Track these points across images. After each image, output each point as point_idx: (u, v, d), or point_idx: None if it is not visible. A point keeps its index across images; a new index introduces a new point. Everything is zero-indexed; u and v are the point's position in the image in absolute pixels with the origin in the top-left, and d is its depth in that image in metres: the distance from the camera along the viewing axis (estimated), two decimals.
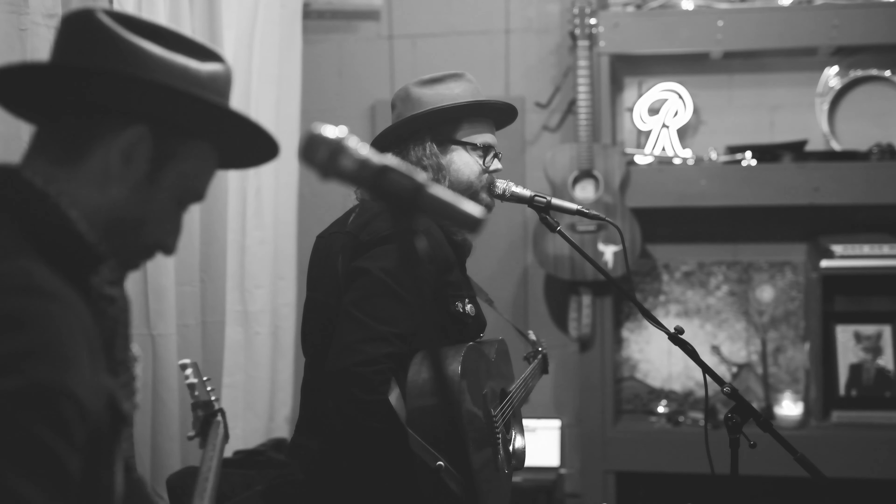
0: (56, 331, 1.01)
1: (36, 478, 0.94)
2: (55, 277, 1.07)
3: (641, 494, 3.93)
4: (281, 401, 3.64)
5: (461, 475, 1.85)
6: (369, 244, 2.02)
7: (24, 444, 0.95)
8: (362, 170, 1.02)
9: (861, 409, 3.72)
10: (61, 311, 1.03)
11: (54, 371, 0.98)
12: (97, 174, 1.18)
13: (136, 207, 1.20)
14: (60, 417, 0.98)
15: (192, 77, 1.22)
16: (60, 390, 0.98)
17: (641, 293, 4.01)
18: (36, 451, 0.95)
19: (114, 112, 1.18)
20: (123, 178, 1.19)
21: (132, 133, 1.18)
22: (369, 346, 1.92)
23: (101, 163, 1.18)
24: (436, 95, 2.18)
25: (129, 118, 1.18)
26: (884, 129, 3.76)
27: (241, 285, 3.47)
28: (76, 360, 1.01)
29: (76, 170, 1.17)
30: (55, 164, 1.17)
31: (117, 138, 1.18)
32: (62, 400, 0.98)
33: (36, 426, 0.95)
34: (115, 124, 1.18)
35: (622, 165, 3.67)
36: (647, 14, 3.78)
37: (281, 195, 3.67)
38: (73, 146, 1.18)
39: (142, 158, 1.19)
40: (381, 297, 1.95)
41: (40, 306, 1.01)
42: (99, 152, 1.18)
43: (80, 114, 1.19)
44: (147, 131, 1.18)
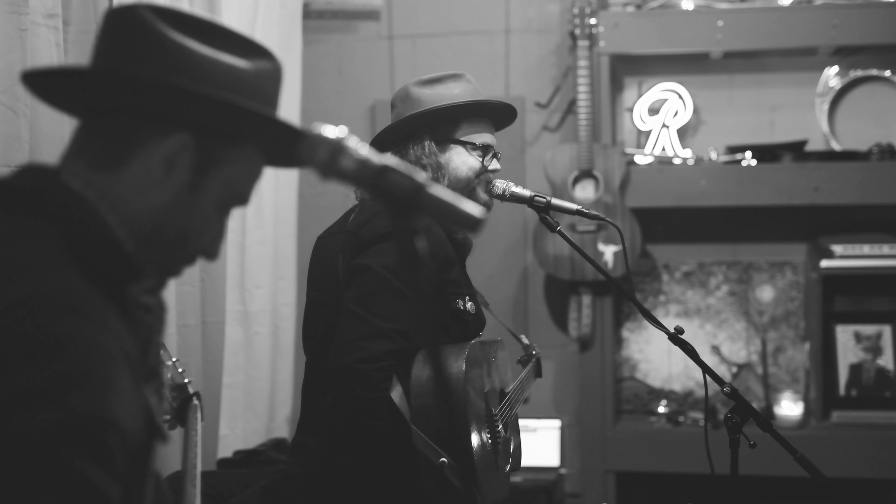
0: (96, 355, 0.97)
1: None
2: (93, 292, 1.04)
3: (641, 494, 3.93)
4: (281, 401, 3.64)
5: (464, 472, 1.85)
6: (369, 241, 2.02)
7: (66, 480, 0.92)
8: (362, 170, 1.02)
9: (861, 409, 3.72)
10: (100, 332, 0.99)
11: (95, 399, 0.95)
12: (138, 181, 1.14)
13: (177, 217, 1.16)
14: (103, 448, 0.95)
15: (239, 78, 1.17)
16: (102, 420, 0.95)
17: (641, 293, 4.01)
18: (79, 486, 0.92)
19: (157, 118, 1.15)
20: (164, 187, 1.15)
21: (175, 141, 1.14)
22: (371, 343, 1.92)
23: (142, 170, 1.14)
24: (435, 95, 2.18)
25: (173, 125, 1.15)
26: (884, 129, 3.76)
27: (241, 285, 3.47)
28: (116, 384, 0.98)
29: (116, 175, 1.14)
30: (95, 168, 1.14)
31: (160, 146, 1.14)
32: (105, 430, 0.95)
33: (78, 460, 0.92)
34: (158, 131, 1.14)
35: (622, 165, 3.67)
36: (647, 14, 3.78)
37: (281, 195, 3.67)
38: (114, 151, 1.14)
39: (184, 167, 1.15)
40: (383, 293, 1.96)
41: (79, 329, 0.97)
42: (140, 159, 1.14)
43: (122, 117, 1.15)
44: (190, 139, 1.15)
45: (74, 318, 0.98)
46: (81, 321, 0.98)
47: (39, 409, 0.92)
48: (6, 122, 1.90)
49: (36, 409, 0.92)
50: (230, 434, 3.42)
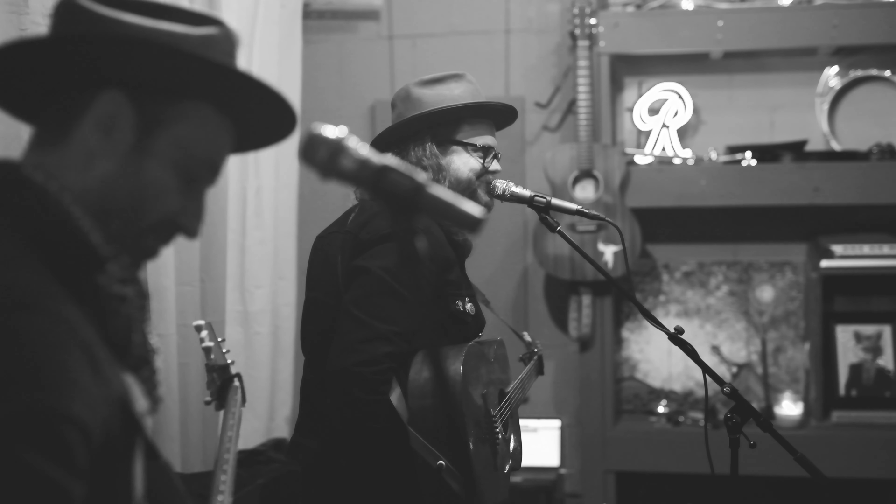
0: (47, 350, 0.93)
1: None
2: (48, 285, 1.01)
3: (641, 494, 3.93)
4: (281, 401, 3.64)
5: (462, 474, 1.85)
6: (369, 243, 2.02)
7: (20, 477, 0.88)
8: (362, 170, 1.02)
9: (861, 409, 3.72)
10: (52, 325, 0.95)
11: (47, 394, 0.91)
12: (81, 152, 1.09)
13: (126, 181, 1.10)
14: (59, 443, 0.91)
15: (178, 40, 1.11)
16: (56, 414, 0.91)
17: (641, 293, 4.01)
18: (34, 483, 0.88)
19: (83, 81, 1.09)
20: (107, 152, 1.10)
21: (105, 101, 1.09)
22: (370, 346, 1.92)
23: (82, 138, 1.09)
24: (436, 96, 2.18)
25: (100, 83, 1.09)
26: (884, 129, 3.76)
27: (241, 285, 3.47)
28: (72, 378, 0.94)
29: (61, 151, 1.10)
30: (45, 150, 1.11)
31: (91, 108, 1.09)
32: (59, 424, 0.91)
33: (32, 456, 0.88)
34: (87, 94, 1.09)
35: (622, 165, 3.67)
36: (647, 14, 3.78)
37: (281, 195, 3.67)
38: (57, 127, 1.11)
39: (125, 129, 1.10)
40: (382, 295, 1.96)
41: (27, 324, 0.93)
42: (78, 128, 1.09)
43: (57, 96, 1.11)
44: (122, 96, 1.09)
45: (22, 312, 0.94)
46: (30, 315, 0.94)
47: None
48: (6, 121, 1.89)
49: None
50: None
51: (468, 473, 1.90)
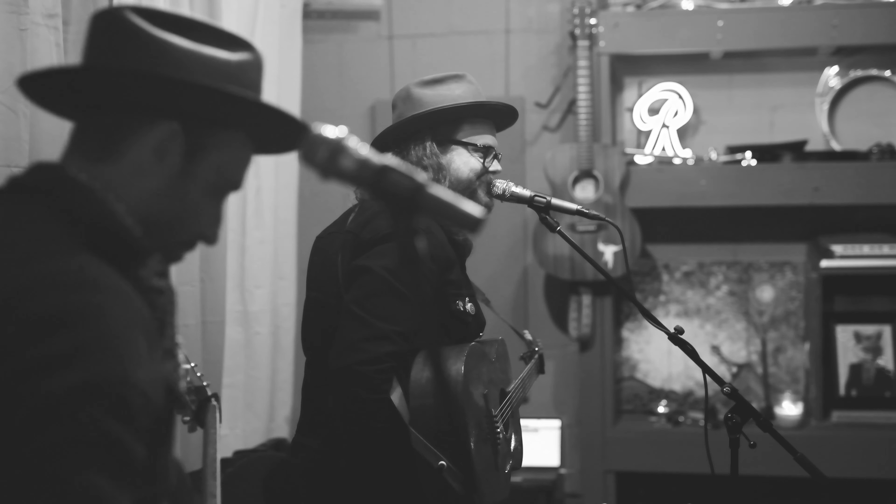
0: (109, 323, 1.03)
1: (105, 469, 0.98)
2: (108, 270, 1.10)
3: (641, 494, 3.93)
4: (281, 401, 3.64)
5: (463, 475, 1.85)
6: (370, 243, 2.02)
7: (91, 437, 0.98)
8: (362, 170, 1.02)
9: (861, 409, 3.72)
10: (114, 302, 1.05)
11: (115, 363, 1.01)
12: (133, 169, 1.20)
13: (171, 202, 1.22)
14: (125, 407, 1.01)
15: (221, 68, 1.23)
16: (121, 380, 1.01)
17: (641, 293, 4.01)
18: (103, 442, 0.98)
19: (145, 109, 1.20)
20: (157, 173, 1.21)
21: (163, 129, 1.20)
22: (371, 345, 1.92)
23: (136, 158, 1.20)
24: (437, 96, 2.18)
25: (161, 114, 1.20)
26: (884, 129, 3.76)
27: (241, 285, 3.47)
28: (133, 350, 1.04)
29: (114, 166, 1.20)
30: (93, 161, 1.20)
31: (150, 135, 1.20)
32: (126, 390, 1.01)
33: (103, 418, 0.99)
34: (147, 121, 1.20)
35: (622, 165, 3.67)
36: (647, 14, 3.78)
37: (281, 195, 3.67)
38: (109, 143, 1.20)
39: (175, 153, 1.21)
40: (383, 295, 1.96)
41: (92, 301, 1.04)
42: (134, 148, 1.20)
43: (113, 112, 1.21)
44: (178, 127, 1.21)
45: (92, 292, 1.04)
46: (99, 295, 1.04)
47: (63, 374, 0.98)
48: (6, 122, 1.89)
49: (59, 374, 0.98)
50: (230, 434, 3.42)
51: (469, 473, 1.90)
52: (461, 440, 1.95)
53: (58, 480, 0.95)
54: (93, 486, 0.96)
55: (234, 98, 1.21)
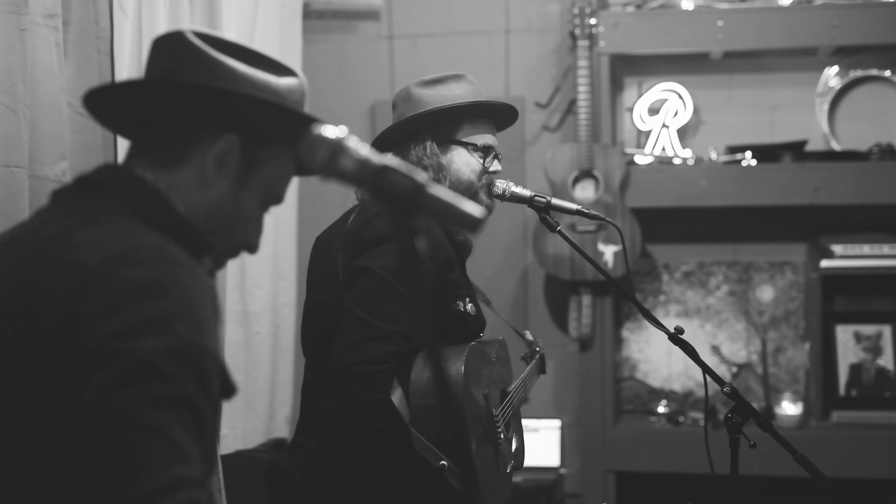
0: (192, 296, 1.14)
1: (187, 428, 1.08)
2: (183, 251, 1.21)
3: (641, 494, 3.93)
4: (281, 401, 3.64)
5: (464, 475, 1.85)
6: (370, 243, 2.02)
7: (174, 394, 1.08)
8: (362, 170, 1.02)
9: (861, 409, 3.71)
10: (194, 279, 1.16)
11: (195, 332, 1.12)
12: (195, 177, 1.30)
13: (225, 210, 1.33)
14: (204, 372, 1.12)
15: (273, 90, 1.34)
16: (202, 349, 1.12)
17: (641, 293, 4.01)
18: (187, 403, 1.09)
19: (208, 122, 1.30)
20: (217, 182, 1.31)
21: (225, 141, 1.30)
22: (372, 346, 1.92)
23: (197, 167, 1.30)
24: (437, 96, 2.18)
25: (222, 127, 1.30)
26: (884, 129, 3.76)
27: (241, 285, 3.47)
28: (207, 324, 1.15)
29: (176, 173, 1.30)
30: (157, 167, 1.30)
31: (212, 146, 1.30)
32: (205, 356, 1.12)
33: (187, 380, 1.09)
34: (209, 133, 1.30)
35: (622, 165, 3.67)
36: (647, 14, 3.78)
37: None
38: (171, 152, 1.31)
39: (233, 165, 1.31)
40: (384, 295, 1.95)
41: (177, 274, 1.14)
42: (195, 158, 1.30)
43: (175, 123, 1.31)
44: (237, 139, 1.31)
45: (176, 266, 1.16)
46: (182, 270, 1.15)
47: (156, 337, 1.08)
48: (6, 121, 1.89)
49: (153, 336, 1.08)
50: (230, 434, 3.42)
51: (470, 473, 1.90)
52: (462, 440, 1.95)
53: (148, 431, 1.05)
54: (179, 442, 1.06)
55: (289, 114, 1.32)
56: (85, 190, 1.30)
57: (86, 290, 1.12)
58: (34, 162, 1.98)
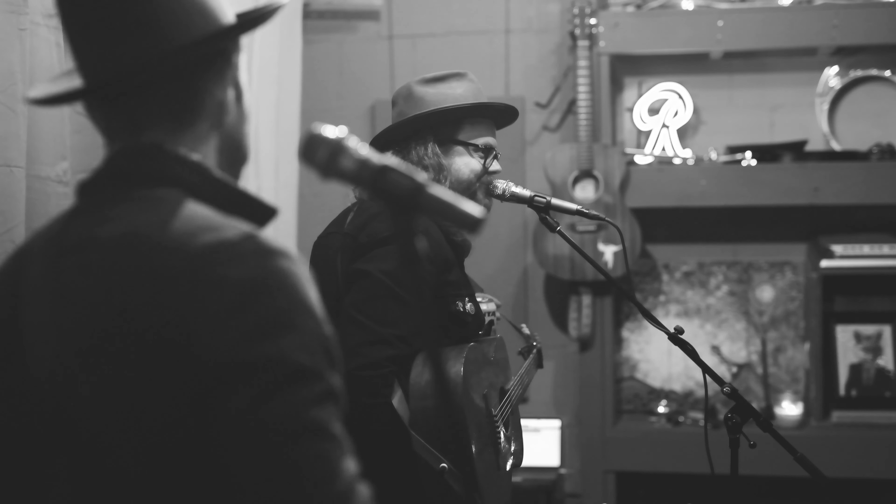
0: (297, 283, 1.08)
1: (338, 416, 1.06)
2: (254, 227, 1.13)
3: (641, 494, 3.93)
4: None
5: (465, 477, 1.85)
6: (368, 246, 2.02)
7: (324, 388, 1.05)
8: (362, 170, 1.02)
9: (861, 409, 3.71)
10: (290, 264, 1.09)
11: (315, 319, 1.08)
12: (215, 122, 1.22)
13: (242, 128, 1.27)
14: (335, 358, 1.09)
15: None
16: (326, 334, 1.08)
17: (641, 293, 4.01)
18: (331, 392, 1.06)
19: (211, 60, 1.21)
20: (232, 111, 1.24)
21: (230, 73, 1.23)
22: (371, 350, 1.92)
23: (215, 108, 1.21)
24: (438, 95, 2.18)
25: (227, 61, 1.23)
26: (884, 129, 3.76)
27: None
28: (319, 307, 1.10)
29: (196, 129, 1.19)
30: (177, 134, 1.18)
31: (219, 84, 1.21)
32: (330, 342, 1.08)
33: (325, 369, 1.06)
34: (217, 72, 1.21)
35: (622, 165, 3.67)
36: (647, 14, 3.78)
37: (281, 195, 3.66)
38: (185, 107, 1.19)
39: (233, 86, 1.25)
40: (382, 298, 1.95)
41: (280, 265, 1.07)
42: (207, 103, 1.20)
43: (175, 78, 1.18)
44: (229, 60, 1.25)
45: (268, 256, 1.07)
46: (275, 258, 1.08)
47: (279, 337, 1.03)
48: (6, 121, 1.89)
49: (276, 338, 1.03)
50: None
51: (471, 476, 1.90)
52: (462, 442, 1.95)
53: (316, 434, 1.02)
54: (341, 436, 1.05)
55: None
56: (122, 180, 1.15)
57: (185, 297, 1.02)
58: (35, 162, 1.98)
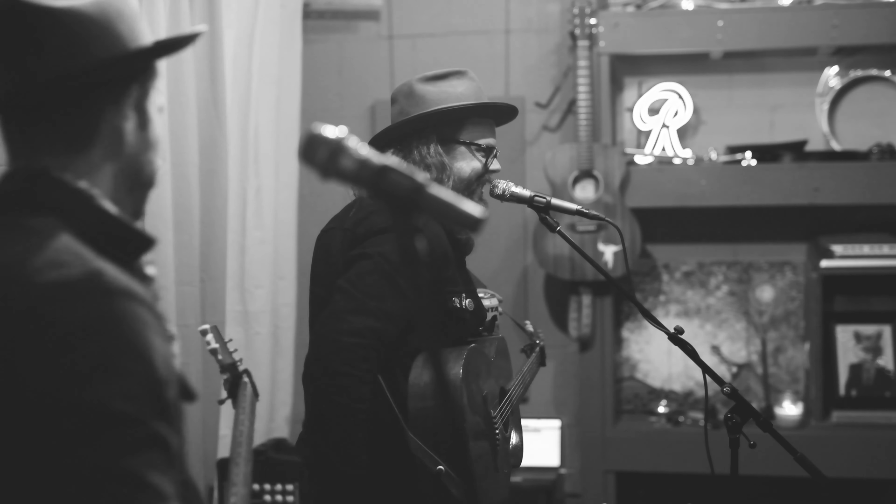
0: (133, 327, 1.05)
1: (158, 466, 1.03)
2: (118, 271, 1.11)
3: (641, 494, 3.93)
4: (281, 401, 3.64)
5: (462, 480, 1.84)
6: (365, 235, 2.02)
7: (142, 435, 1.02)
8: (362, 170, 1.02)
9: (861, 409, 3.71)
10: (131, 305, 1.07)
11: (145, 365, 1.04)
12: (111, 144, 1.20)
13: (142, 156, 1.25)
14: (162, 404, 1.05)
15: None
16: (155, 380, 1.05)
17: (641, 293, 4.01)
18: (151, 438, 1.03)
19: (109, 85, 1.20)
20: (132, 135, 1.22)
21: (130, 96, 1.22)
22: (354, 317, 1.92)
23: (112, 135, 1.20)
24: (440, 94, 2.17)
25: (126, 83, 1.21)
26: (884, 129, 3.76)
27: (241, 285, 3.47)
28: (154, 349, 1.07)
29: (88, 154, 1.18)
30: (68, 157, 1.18)
31: (118, 109, 1.20)
32: (159, 387, 1.05)
33: (148, 416, 1.03)
34: (113, 95, 1.20)
35: (622, 165, 3.67)
36: (647, 14, 3.78)
37: (281, 195, 3.67)
38: (80, 130, 1.18)
39: (134, 111, 1.23)
40: (374, 275, 1.96)
41: (114, 307, 1.05)
42: (104, 126, 1.19)
43: (69, 103, 1.18)
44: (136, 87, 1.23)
45: (111, 297, 1.06)
46: (117, 300, 1.06)
47: (100, 383, 1.01)
48: None
49: (101, 382, 1.01)
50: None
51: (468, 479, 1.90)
52: (460, 445, 1.95)
53: (124, 482, 0.99)
54: (155, 484, 1.01)
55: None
56: (4, 205, 1.16)
57: (21, 334, 1.02)
58: None
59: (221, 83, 3.19)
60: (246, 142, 3.46)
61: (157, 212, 2.88)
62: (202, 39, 3.12)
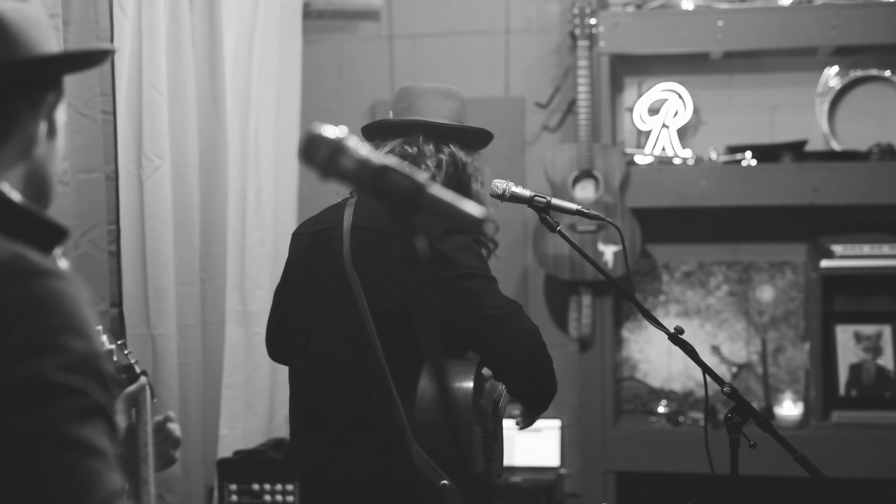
0: (73, 304, 1.08)
1: (103, 431, 1.05)
2: (39, 255, 1.12)
3: (641, 494, 3.93)
4: (281, 401, 3.64)
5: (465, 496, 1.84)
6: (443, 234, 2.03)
7: (87, 404, 1.04)
8: (362, 170, 1.02)
9: (861, 409, 3.72)
10: (63, 284, 1.08)
11: (85, 340, 1.07)
12: (21, 148, 1.22)
13: (49, 166, 1.26)
14: (104, 376, 1.08)
15: None
16: (96, 353, 1.08)
17: (641, 293, 4.01)
18: (96, 407, 1.05)
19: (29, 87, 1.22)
20: (41, 143, 1.24)
21: (49, 100, 1.23)
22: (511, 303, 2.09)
23: (25, 137, 1.21)
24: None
25: (44, 87, 1.23)
26: (884, 129, 3.76)
27: (241, 285, 3.47)
28: (92, 328, 1.09)
29: (1, 152, 1.20)
30: None
31: (37, 108, 1.22)
32: (100, 361, 1.08)
33: (91, 387, 1.05)
34: (33, 98, 1.22)
35: (622, 165, 3.67)
36: (647, 14, 3.78)
37: (281, 195, 3.67)
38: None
39: (46, 120, 1.25)
40: (477, 256, 2.10)
41: (51, 285, 1.07)
42: (19, 127, 1.21)
43: None
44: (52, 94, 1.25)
45: (47, 276, 1.08)
46: (53, 279, 1.08)
47: (42, 358, 1.03)
48: None
49: (48, 355, 1.03)
50: (230, 434, 3.42)
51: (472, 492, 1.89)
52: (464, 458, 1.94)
53: (77, 447, 1.01)
54: (105, 451, 1.03)
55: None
56: None
57: None
58: None
59: (221, 83, 3.19)
60: (246, 142, 3.46)
61: (157, 212, 2.88)
62: (202, 39, 3.13)
